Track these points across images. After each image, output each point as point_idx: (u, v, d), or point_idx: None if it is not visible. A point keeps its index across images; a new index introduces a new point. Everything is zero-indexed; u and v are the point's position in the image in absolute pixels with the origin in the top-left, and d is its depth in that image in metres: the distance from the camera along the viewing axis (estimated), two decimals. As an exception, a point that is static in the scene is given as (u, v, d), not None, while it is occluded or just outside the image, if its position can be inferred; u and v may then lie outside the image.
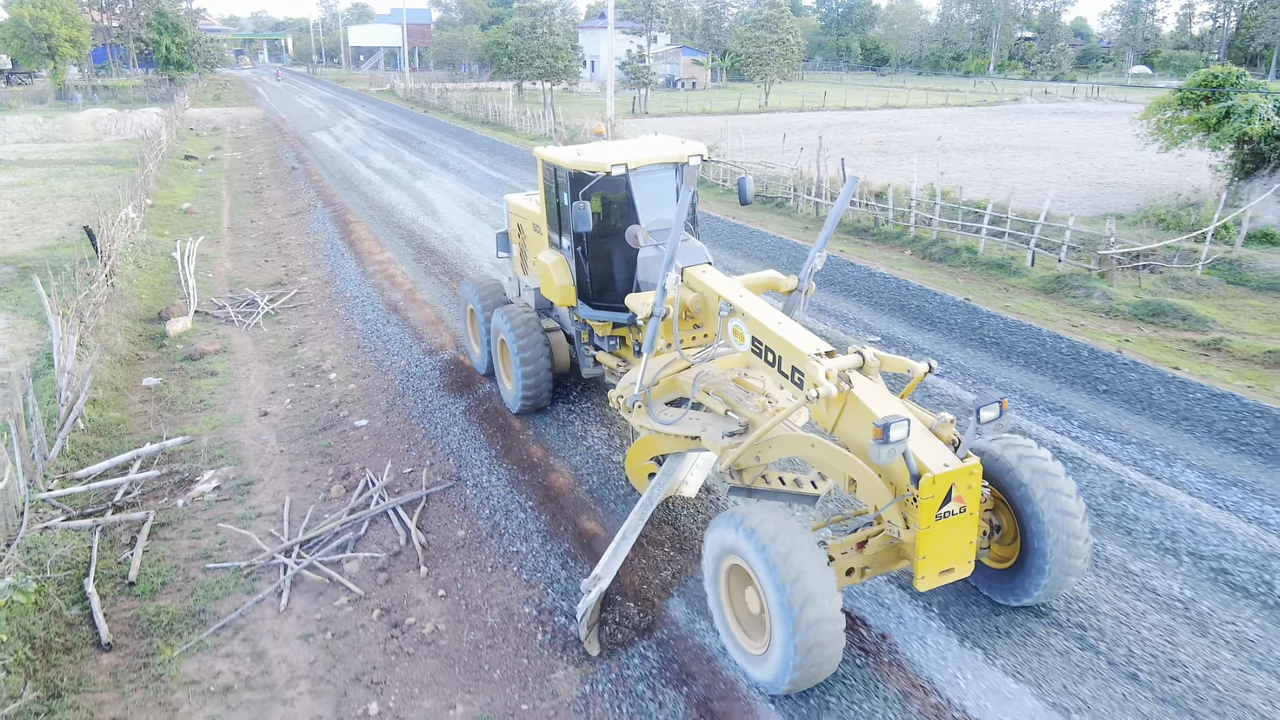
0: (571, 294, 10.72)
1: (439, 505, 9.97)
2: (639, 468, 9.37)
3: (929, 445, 6.65)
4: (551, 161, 10.51)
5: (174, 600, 8.56)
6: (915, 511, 6.43)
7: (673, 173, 10.31)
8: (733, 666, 7.16)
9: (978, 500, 6.64)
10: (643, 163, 9.96)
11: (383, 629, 7.99)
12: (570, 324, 11.38)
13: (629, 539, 7.95)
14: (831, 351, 7.06)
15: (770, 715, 6.67)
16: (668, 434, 8.55)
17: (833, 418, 6.99)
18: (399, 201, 27.40)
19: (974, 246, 22.26)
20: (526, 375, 11.17)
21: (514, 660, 7.40)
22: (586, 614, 7.40)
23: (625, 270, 10.40)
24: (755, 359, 7.77)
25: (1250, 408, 11.75)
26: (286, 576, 8.78)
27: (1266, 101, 25.62)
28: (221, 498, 10.49)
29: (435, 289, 17.64)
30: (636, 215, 9.95)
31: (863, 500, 6.94)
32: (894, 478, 6.60)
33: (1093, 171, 36.93)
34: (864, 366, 7.13)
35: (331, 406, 12.82)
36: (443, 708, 6.98)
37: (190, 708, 7.17)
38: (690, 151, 10.28)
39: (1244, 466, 10.42)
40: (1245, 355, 15.36)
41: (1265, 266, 20.76)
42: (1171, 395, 12.41)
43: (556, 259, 10.84)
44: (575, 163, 9.86)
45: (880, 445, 6.06)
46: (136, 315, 17.07)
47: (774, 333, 7.41)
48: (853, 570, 6.99)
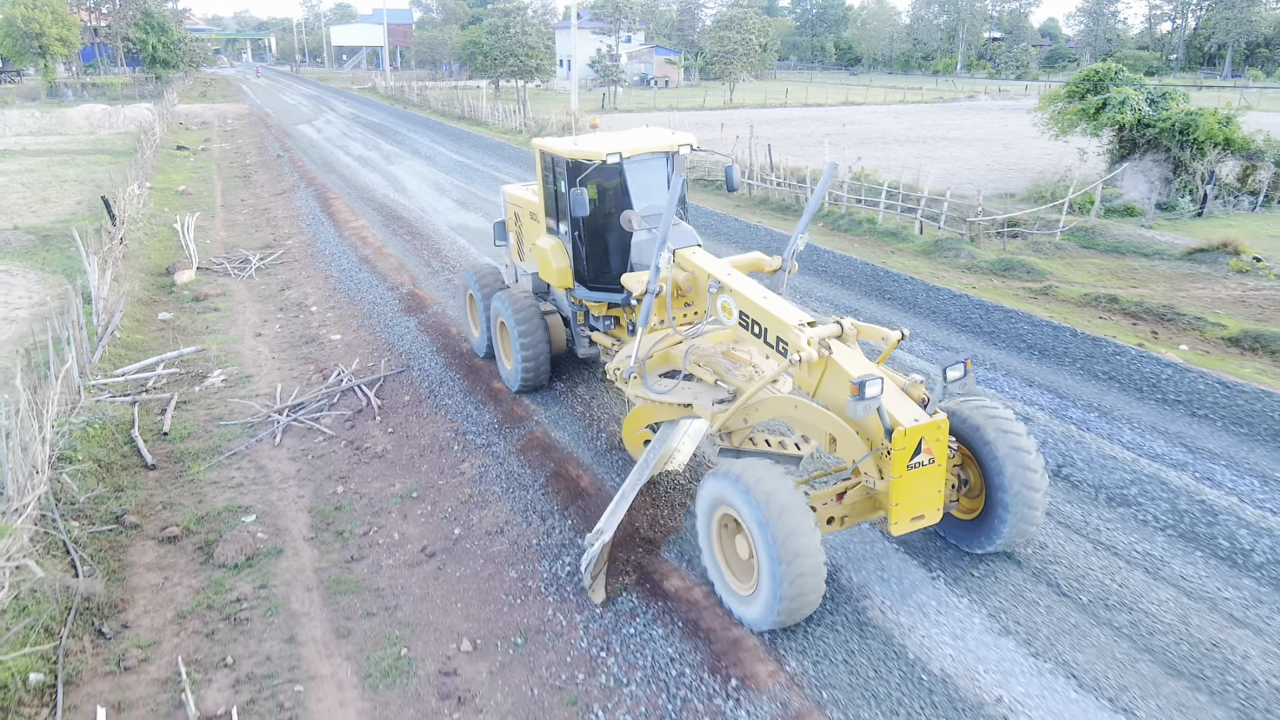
0: (569, 276, 11.21)
1: (392, 383, 13.41)
2: (635, 435, 9.87)
3: (901, 403, 7.22)
4: (549, 151, 11.01)
5: (197, 443, 11.89)
6: (889, 463, 6.98)
7: (664, 161, 10.81)
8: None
9: (945, 452, 7.22)
10: (636, 151, 10.43)
11: (348, 451, 11.40)
12: (567, 306, 11.86)
13: (628, 498, 8.36)
14: (813, 322, 7.67)
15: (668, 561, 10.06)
16: (661, 403, 9.10)
17: (814, 382, 7.58)
18: (374, 181, 30.84)
19: (874, 218, 25.76)
20: (526, 355, 11.71)
21: (436, 461, 10.85)
22: (590, 565, 7.93)
23: (620, 253, 10.88)
24: (743, 332, 8.35)
25: (1052, 327, 15.13)
26: (279, 426, 12.15)
27: (1138, 94, 29.16)
28: (228, 386, 13.82)
29: (400, 245, 21.08)
30: (630, 201, 10.52)
31: (841, 456, 7.49)
32: (869, 433, 7.17)
33: (1011, 159, 40.58)
34: (842, 335, 7.67)
35: (312, 329, 16.18)
36: (387, 485, 10.41)
37: (214, 493, 10.51)
38: (681, 141, 10.81)
39: (1042, 370, 13.60)
40: (1066, 298, 18.87)
41: (1113, 234, 24.41)
42: (1003, 322, 15.71)
43: (554, 244, 11.31)
44: (572, 152, 10.39)
45: (857, 401, 6.65)
46: (148, 270, 20.32)
47: (760, 306, 8.00)
48: (833, 519, 7.52)
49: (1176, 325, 17.17)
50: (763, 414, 8.20)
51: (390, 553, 9.14)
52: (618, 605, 7.97)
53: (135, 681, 7.46)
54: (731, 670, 6.96)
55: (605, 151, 10.14)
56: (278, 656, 7.67)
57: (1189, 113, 27.77)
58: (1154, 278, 20.85)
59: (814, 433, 7.71)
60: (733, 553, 7.66)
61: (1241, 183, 28.58)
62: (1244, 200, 28.02)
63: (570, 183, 10.33)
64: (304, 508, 10.12)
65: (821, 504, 7.48)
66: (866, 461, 7.17)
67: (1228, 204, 27.88)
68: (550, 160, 11.08)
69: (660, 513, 9.41)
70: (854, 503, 7.56)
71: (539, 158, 11.49)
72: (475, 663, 7.44)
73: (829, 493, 7.61)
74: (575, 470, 10.20)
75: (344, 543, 9.39)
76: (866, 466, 7.22)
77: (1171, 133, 27.85)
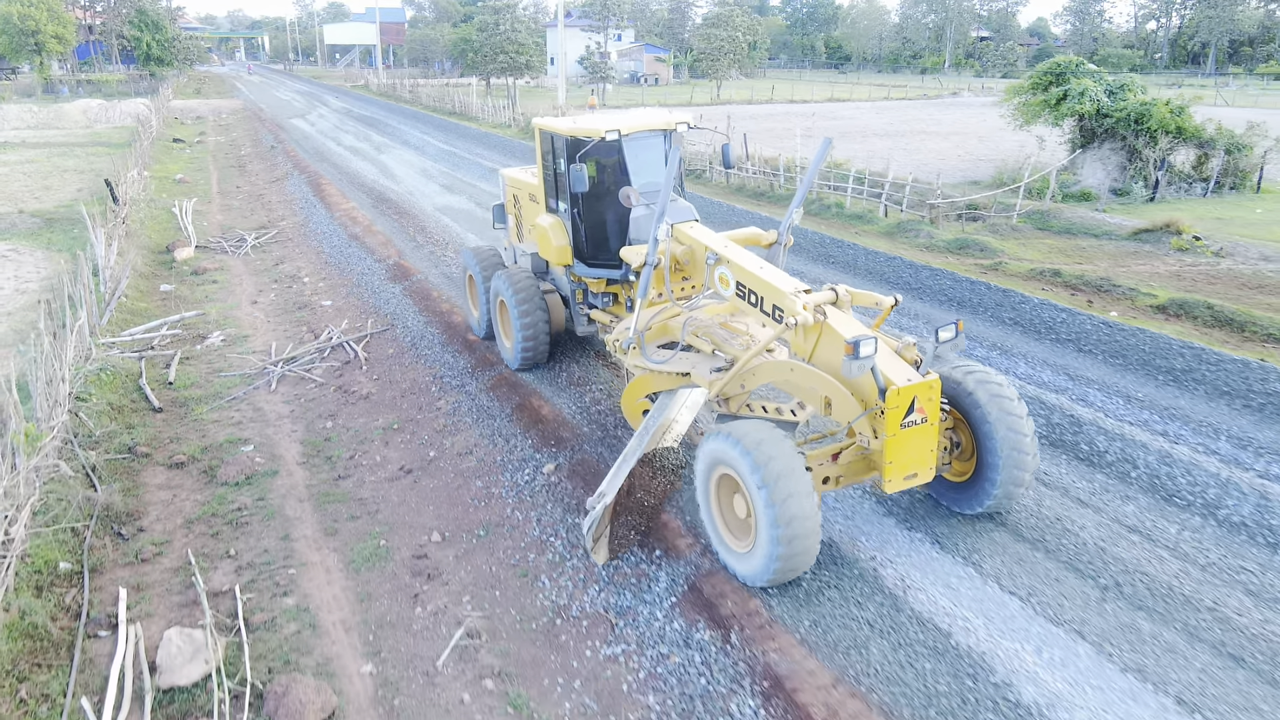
0: (568, 253, 11.34)
1: (378, 340, 14.65)
2: (634, 405, 9.98)
3: (894, 363, 7.43)
4: (549, 130, 11.19)
5: (200, 391, 13.09)
6: (883, 422, 7.15)
7: (661, 139, 11.02)
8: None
9: (937, 412, 7.41)
10: (635, 129, 10.65)
11: (336, 394, 12.63)
12: (566, 285, 11.98)
13: (629, 461, 8.45)
14: (808, 290, 7.89)
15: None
16: (660, 372, 9.31)
17: (810, 346, 7.77)
18: (364, 169, 32.07)
19: (842, 203, 27.06)
20: (526, 333, 11.87)
21: (415, 400, 12.10)
22: (592, 527, 8.11)
23: (618, 229, 11.09)
24: (740, 303, 8.55)
25: (970, 283, 16.54)
26: (274, 375, 13.37)
27: (1097, 86, 30.50)
28: (226, 344, 15.02)
29: (388, 224, 22.33)
30: (629, 178, 10.73)
31: (836, 419, 7.65)
32: (864, 394, 7.33)
33: (984, 150, 41.91)
34: (837, 301, 7.88)
35: (305, 296, 17.40)
36: (371, 421, 11.65)
37: (216, 430, 11.72)
38: (678, 119, 11.04)
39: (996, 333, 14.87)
40: (1014, 273, 20.14)
41: (1067, 216, 25.73)
42: (929, 280, 17.13)
43: (553, 221, 11.46)
44: (572, 130, 10.59)
45: (852, 360, 6.82)
46: (149, 248, 21.49)
47: (756, 276, 8.18)
48: (828, 479, 7.67)
49: (1111, 295, 18.46)
50: (760, 379, 8.37)
51: (373, 471, 10.38)
52: (567, 503, 9.22)
53: (151, 570, 8.68)
54: (657, 545, 8.21)
55: (604, 129, 10.34)
56: (274, 550, 8.90)
57: (1143, 103, 29.13)
58: (1100, 255, 22.14)
59: (810, 396, 7.84)
60: (730, 511, 7.76)
61: (1197, 170, 29.93)
62: (1196, 186, 29.36)
63: (570, 160, 10.49)
64: (297, 440, 11.34)
65: (817, 464, 7.63)
66: (861, 421, 7.33)
67: (1181, 189, 29.23)
68: (550, 139, 11.23)
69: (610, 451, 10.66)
70: (849, 463, 7.71)
71: (539, 137, 11.67)
72: (443, 550, 8.69)
73: (824, 453, 7.78)
74: (537, 402, 11.45)
75: (332, 465, 10.62)
76: (861, 426, 7.38)
77: (1127, 122, 29.20)
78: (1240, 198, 28.99)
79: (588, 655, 7.03)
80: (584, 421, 10.92)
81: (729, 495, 7.74)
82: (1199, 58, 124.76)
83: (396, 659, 7.23)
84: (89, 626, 7.83)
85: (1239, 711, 6.14)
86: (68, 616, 7.92)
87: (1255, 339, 15.00)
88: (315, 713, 6.58)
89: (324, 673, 7.04)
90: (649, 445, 8.67)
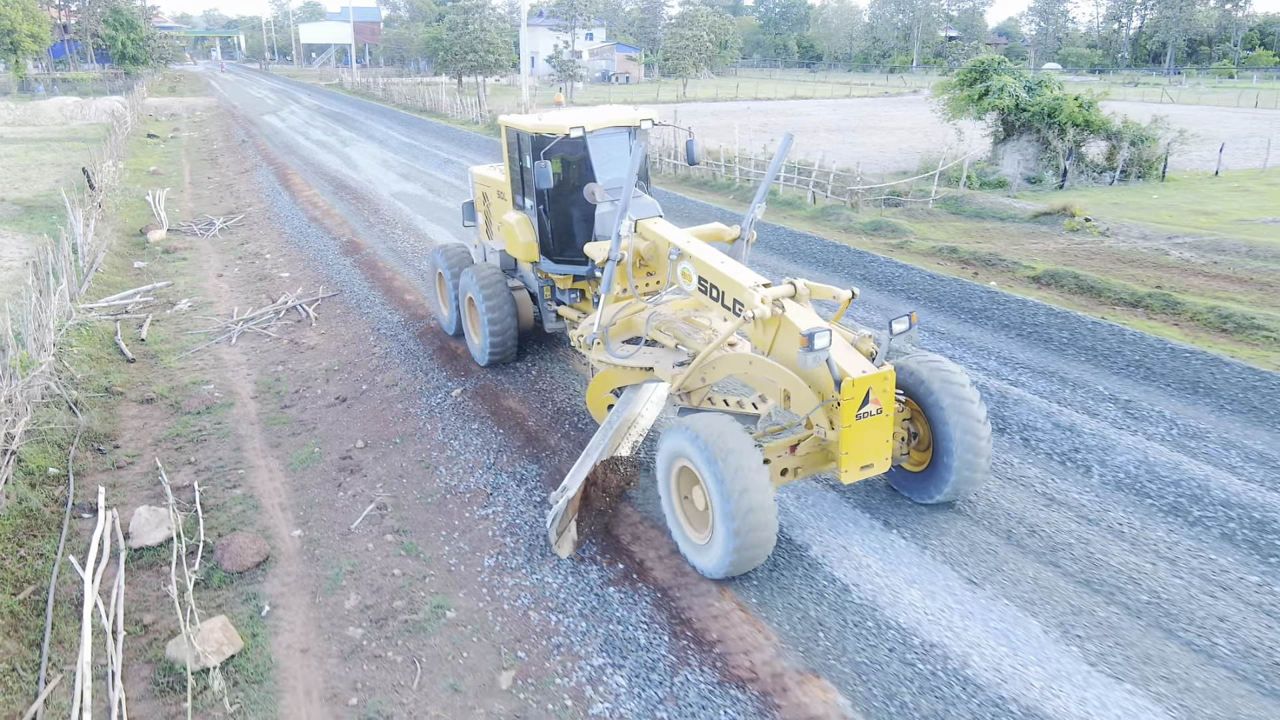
0: (534, 250, 11.46)
1: (328, 303, 16.59)
2: (599, 400, 9.97)
3: (849, 355, 7.51)
4: (515, 127, 11.31)
5: (169, 346, 14.95)
6: (838, 413, 7.25)
7: (626, 135, 11.13)
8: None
9: (892, 403, 7.50)
10: (599, 126, 10.77)
11: (288, 346, 14.55)
12: (534, 282, 12.06)
13: (592, 457, 8.54)
14: (768, 284, 8.01)
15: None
16: (624, 367, 9.37)
17: (769, 340, 7.89)
18: (329, 160, 33.93)
19: (775, 190, 29.14)
20: (494, 329, 11.87)
21: (355, 348, 14.06)
22: (555, 522, 8.20)
23: (584, 226, 11.18)
24: (702, 297, 8.62)
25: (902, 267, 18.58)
26: (234, 332, 15.26)
27: (1016, 82, 32.74)
28: (193, 309, 16.87)
29: (346, 208, 24.26)
30: (594, 174, 10.83)
31: (795, 411, 7.74)
32: (820, 386, 7.43)
33: (924, 143, 44.11)
34: (795, 294, 8.00)
35: (266, 270, 19.27)
36: (316, 365, 13.60)
37: (182, 374, 13.59)
38: (643, 116, 11.15)
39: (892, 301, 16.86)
40: (917, 250, 22.26)
41: (979, 202, 27.92)
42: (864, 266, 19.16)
43: (520, 218, 11.58)
44: (537, 126, 10.72)
45: (807, 352, 6.91)
46: (124, 231, 23.25)
47: (717, 270, 8.29)
48: (786, 470, 7.80)
49: (996, 268, 20.62)
50: (720, 372, 8.48)
51: (313, 401, 12.32)
52: (465, 413, 11.22)
53: (125, 474, 10.57)
54: (540, 452, 10.22)
55: (569, 125, 10.47)
56: (227, 458, 10.82)
57: (1055, 98, 31.41)
58: (1000, 236, 24.33)
59: (769, 388, 7.97)
60: (690, 503, 7.85)
61: (1109, 160, 32.25)
62: (1106, 175, 31.69)
63: (535, 156, 10.57)
64: (251, 380, 13.26)
65: (776, 456, 7.73)
66: (818, 413, 7.43)
67: (1091, 178, 31.55)
68: (516, 136, 11.34)
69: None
70: (807, 454, 7.83)
71: (504, 134, 11.78)
72: (365, 453, 10.66)
73: (782, 445, 7.85)
74: (454, 345, 13.46)
75: (279, 398, 12.55)
76: (818, 418, 7.49)
77: (1041, 116, 31.47)
78: (1146, 185, 31.34)
79: (466, 516, 9.05)
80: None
81: (688, 488, 7.83)
82: (1159, 57, 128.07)
83: (320, 525, 9.19)
84: (74, 511, 9.73)
85: (1055, 605, 7.30)
86: (56, 505, 9.81)
87: (1108, 303, 17.19)
88: (252, 557, 8.52)
89: (262, 535, 8.99)
90: (613, 440, 8.80)
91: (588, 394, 10.08)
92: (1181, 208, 27.19)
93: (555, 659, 6.90)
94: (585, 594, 7.61)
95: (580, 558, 8.15)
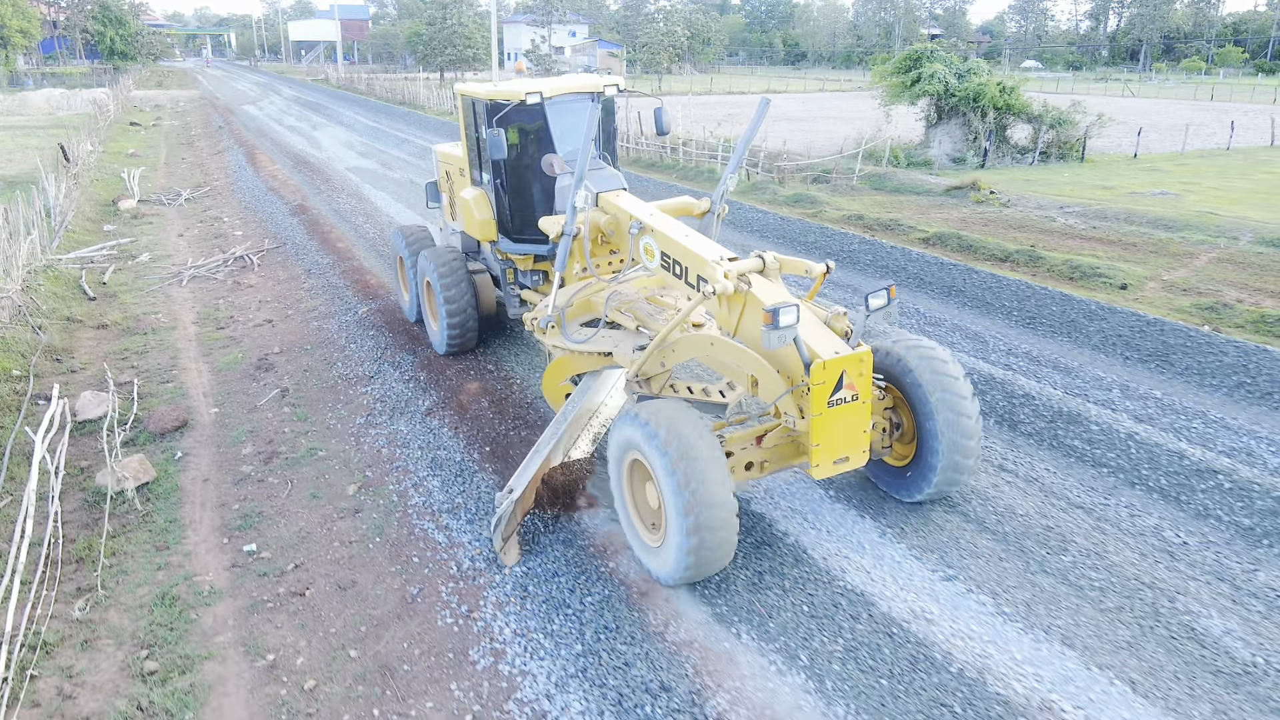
0: (492, 228, 10.83)
1: (272, 254, 18.61)
2: (556, 389, 9.24)
3: (820, 334, 6.81)
4: (470, 95, 10.72)
5: (126, 288, 16.89)
6: (808, 400, 6.52)
7: (589, 102, 10.21)
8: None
9: (869, 388, 6.75)
10: (558, 92, 10.05)
11: (231, 287, 16.52)
12: (496, 264, 11.41)
13: (541, 453, 7.93)
14: (734, 258, 7.30)
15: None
16: (581, 352, 8.61)
17: (734, 318, 7.16)
18: (296, 142, 36.00)
19: (714, 169, 31.17)
20: (451, 315, 11.20)
21: (289, 285, 16.06)
22: (501, 525, 7.41)
23: (545, 201, 10.46)
24: (665, 274, 7.95)
25: (817, 229, 20.65)
26: (185, 276, 17.22)
27: (947, 70, 34.77)
28: (153, 261, 18.82)
29: (302, 179, 26.33)
30: (553, 144, 10.07)
31: (763, 398, 6.98)
32: (789, 370, 6.72)
33: (872, 131, 46.27)
34: (764, 269, 7.25)
35: (222, 230, 21.26)
36: (251, 299, 15.58)
37: (135, 308, 15.54)
38: (607, 82, 10.47)
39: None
40: (830, 218, 24.30)
41: (900, 179, 29.98)
42: (781, 229, 21.30)
43: (477, 194, 10.94)
44: (491, 93, 10.10)
45: (770, 330, 6.18)
46: (97, 200, 25.19)
47: (680, 244, 7.61)
48: (752, 464, 7.08)
49: (894, 232, 22.65)
50: (680, 355, 7.70)
51: (245, 325, 14.31)
52: (366, 324, 13.20)
53: (77, 377, 12.52)
54: (416, 346, 12.21)
55: (524, 91, 9.81)
56: (165, 364, 12.77)
57: (980, 84, 33.46)
58: (910, 207, 26.37)
59: (734, 374, 7.35)
60: (644, 501, 7.16)
61: (1033, 141, 34.33)
62: (1029, 155, 33.76)
63: (489, 125, 9.91)
64: (194, 311, 15.24)
65: (740, 448, 7.05)
66: (785, 399, 6.75)
67: (1013, 158, 33.63)
68: (471, 105, 10.78)
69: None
70: (775, 446, 7.15)
71: (460, 105, 11.22)
72: (280, 357, 12.66)
73: (747, 435, 7.14)
74: (369, 278, 15.51)
75: (217, 323, 14.53)
76: (785, 405, 6.81)
77: (967, 100, 33.52)
78: (1064, 166, 33.42)
79: (350, 393, 11.10)
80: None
81: (642, 483, 7.12)
82: (1136, 54, 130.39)
83: (233, 405, 11.19)
84: (31, 400, 11.69)
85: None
86: (17, 396, 11.77)
87: (981, 259, 19.23)
88: (173, 422, 10.50)
89: (185, 412, 10.97)
90: (569, 433, 8.25)
91: (543, 381, 9.31)
92: (1086, 184, 29.27)
93: (392, 475, 8.94)
94: (426, 434, 9.64)
95: (430, 412, 10.17)
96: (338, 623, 6.85)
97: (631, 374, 8.11)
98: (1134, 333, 12.99)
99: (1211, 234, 21.28)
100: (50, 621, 7.01)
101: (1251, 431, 9.73)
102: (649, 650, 6.31)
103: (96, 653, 6.69)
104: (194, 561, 7.79)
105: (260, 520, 8.37)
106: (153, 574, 7.63)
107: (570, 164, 9.35)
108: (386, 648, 6.52)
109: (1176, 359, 11.96)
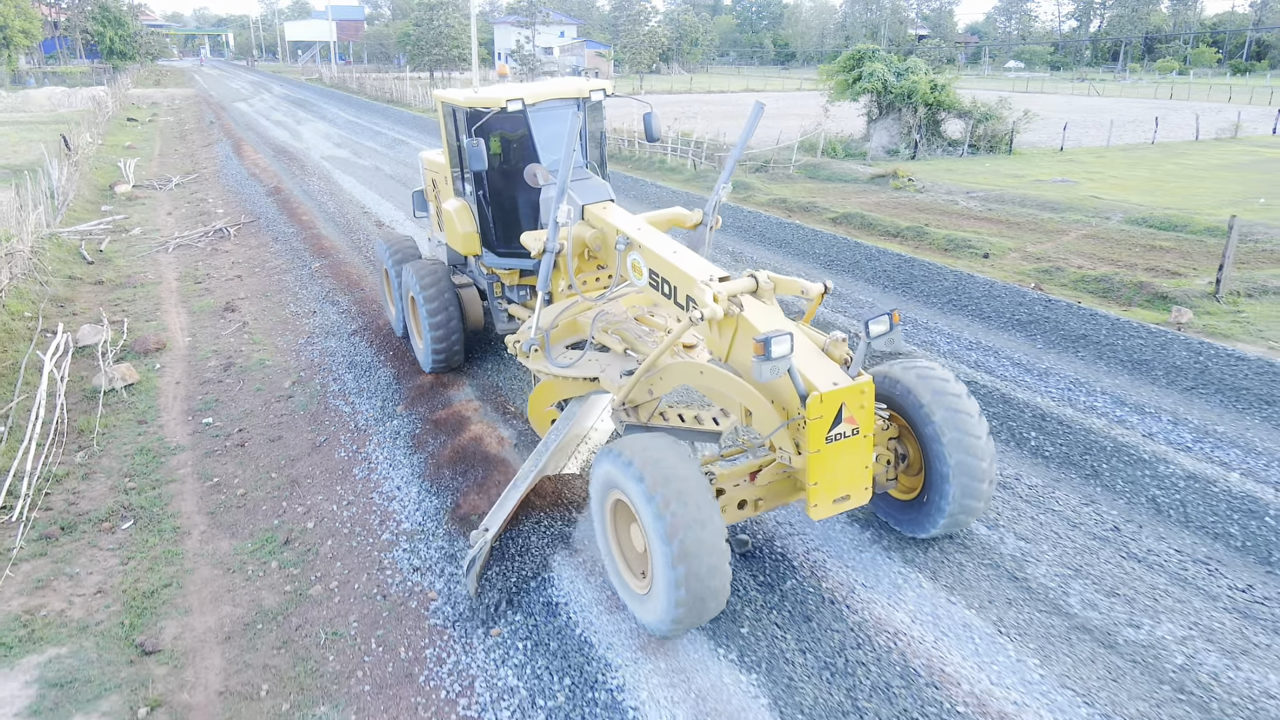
0: (475, 241, 10.36)
1: (248, 228, 21.34)
2: (541, 415, 8.76)
3: (817, 364, 6.39)
4: (449, 102, 10.22)
5: (120, 254, 19.59)
6: (805, 435, 6.13)
7: (574, 109, 9.46)
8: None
9: (871, 421, 6.36)
10: (541, 98, 9.59)
11: (210, 253, 19.25)
12: (483, 277, 10.95)
13: (519, 487, 7.56)
14: (726, 277, 6.87)
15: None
16: (566, 377, 8.14)
17: (726, 344, 6.77)
18: (280, 135, 38.81)
19: (664, 160, 33.89)
20: (436, 331, 10.65)
21: (260, 251, 18.80)
22: (473, 567, 7.15)
23: (530, 213, 10.00)
24: (653, 293, 7.54)
25: (744, 213, 23.39)
26: (171, 245, 19.94)
27: (886, 69, 37.42)
28: (144, 234, 21.54)
29: (280, 166, 29.12)
30: (537, 154, 9.65)
31: (757, 430, 6.54)
32: (785, 401, 6.33)
33: (832, 126, 49.00)
34: (757, 290, 6.85)
35: (206, 209, 24.00)
36: (227, 261, 18.31)
37: (127, 270, 18.24)
38: (593, 87, 10.00)
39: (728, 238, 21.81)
40: (758, 202, 27.03)
41: (833, 168, 32.70)
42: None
43: (459, 205, 10.48)
44: (470, 100, 9.58)
45: (762, 362, 5.79)
46: (96, 185, 27.92)
47: (668, 262, 7.20)
48: (745, 503, 6.76)
49: (809, 213, 25.37)
50: (668, 383, 7.20)
51: (218, 280, 17.04)
52: (317, 276, 15.93)
53: (78, 318, 15.22)
54: (354, 290, 14.93)
55: (505, 98, 9.32)
56: (149, 309, 15.49)
57: (913, 81, 36.16)
58: (835, 192, 29.08)
59: (726, 403, 6.87)
60: (629, 544, 6.73)
61: (966, 135, 37.01)
62: (960, 148, 36.44)
63: (469, 134, 9.45)
64: (177, 271, 17.97)
65: (732, 485, 6.72)
66: (780, 434, 6.33)
67: (944, 150, 36.31)
68: (451, 112, 10.26)
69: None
70: (769, 483, 6.78)
71: (441, 112, 10.72)
72: (244, 301, 15.40)
73: (740, 472, 6.81)
74: (326, 242, 18.28)
75: (195, 279, 17.26)
76: (780, 440, 6.37)
77: (903, 97, 36.22)
78: (992, 158, 36.10)
79: (298, 324, 13.89)
80: (348, 245, 17.65)
81: (626, 524, 6.68)
82: (1117, 54, 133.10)
83: (203, 335, 13.92)
84: (40, 334, 14.41)
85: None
86: (29, 330, 14.49)
87: (876, 235, 21.94)
88: (154, 345, 13.23)
89: (165, 340, 13.68)
90: (547, 467, 7.85)
91: (529, 407, 8.87)
92: (1002, 173, 31.96)
93: (319, 375, 11.73)
94: (349, 348, 12.40)
95: (355, 333, 12.91)
96: (265, 460, 9.58)
97: (618, 402, 7.51)
98: (968, 291, 15.47)
99: (1088, 214, 24.02)
100: (58, 466, 9.73)
101: (1025, 362, 12.45)
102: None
103: (93, 481, 9.41)
104: (165, 430, 10.52)
105: (216, 405, 11.10)
106: (134, 438, 10.35)
107: (554, 173, 8.97)
108: (298, 470, 9.26)
109: (992, 311, 14.45)
